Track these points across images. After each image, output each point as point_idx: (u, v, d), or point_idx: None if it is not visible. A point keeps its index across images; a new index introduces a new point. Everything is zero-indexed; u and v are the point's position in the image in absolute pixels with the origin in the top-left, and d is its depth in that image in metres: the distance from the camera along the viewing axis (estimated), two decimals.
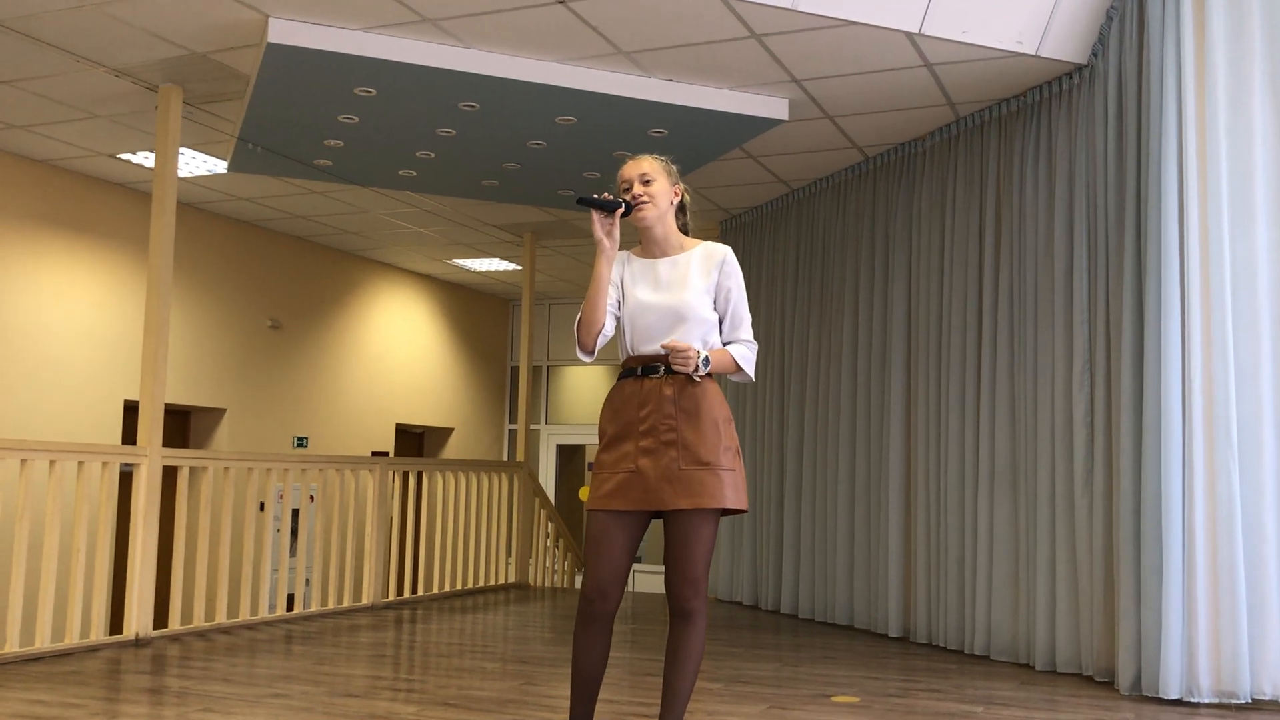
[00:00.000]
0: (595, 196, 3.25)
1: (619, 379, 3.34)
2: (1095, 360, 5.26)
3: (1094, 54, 5.35)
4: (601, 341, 3.32)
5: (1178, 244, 4.73)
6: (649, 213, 3.30)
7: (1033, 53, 5.29)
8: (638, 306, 3.29)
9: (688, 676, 3.18)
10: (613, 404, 3.29)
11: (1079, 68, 5.47)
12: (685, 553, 3.16)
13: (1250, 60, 4.77)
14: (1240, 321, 4.69)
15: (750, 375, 3.35)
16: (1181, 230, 4.73)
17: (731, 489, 3.17)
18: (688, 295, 3.26)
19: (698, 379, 3.21)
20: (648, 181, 3.32)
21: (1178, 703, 4.58)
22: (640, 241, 3.41)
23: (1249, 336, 4.69)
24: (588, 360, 3.37)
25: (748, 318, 3.36)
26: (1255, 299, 4.70)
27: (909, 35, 5.15)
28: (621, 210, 3.27)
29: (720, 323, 3.34)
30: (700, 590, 3.18)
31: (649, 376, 3.23)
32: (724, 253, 3.35)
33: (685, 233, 3.44)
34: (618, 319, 3.34)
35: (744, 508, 3.22)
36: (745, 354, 3.32)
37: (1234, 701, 4.53)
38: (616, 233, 3.28)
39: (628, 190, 3.33)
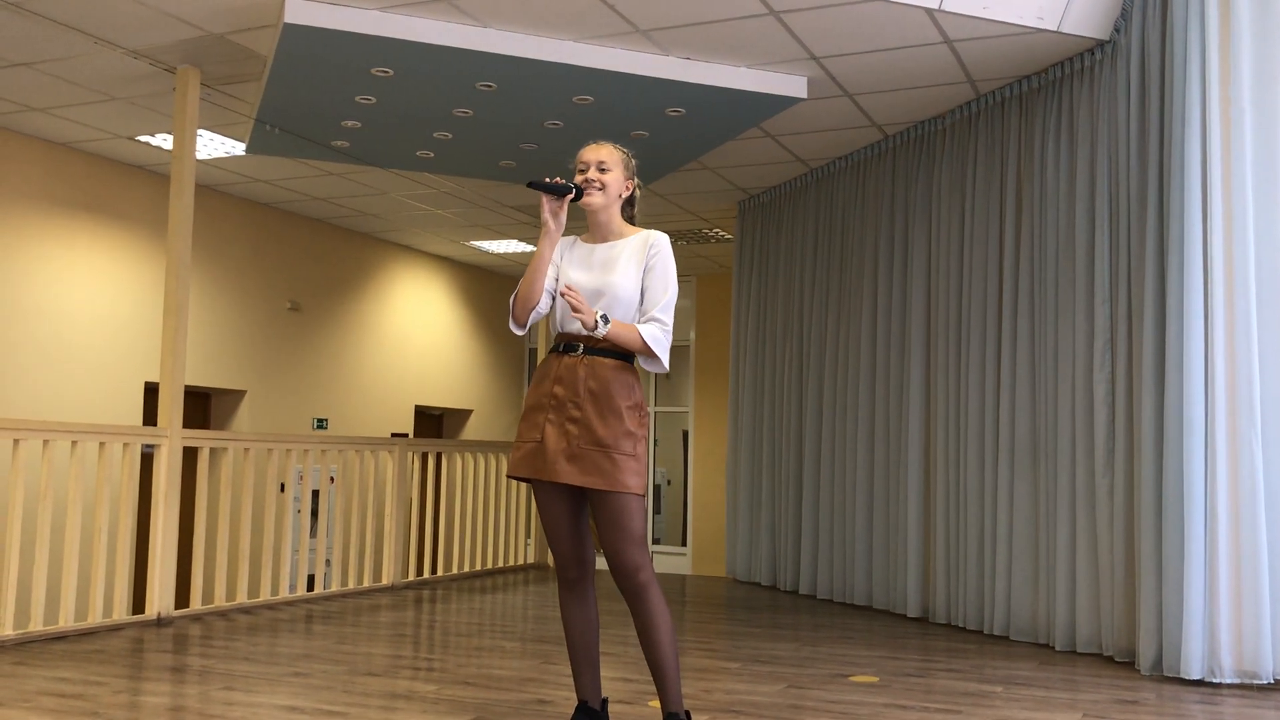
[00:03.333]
0: (546, 180, 3.31)
1: (547, 353, 3.43)
2: (1116, 339, 5.22)
3: (1116, 30, 5.29)
4: (534, 317, 3.40)
5: (1200, 222, 4.68)
6: (596, 199, 3.37)
7: (1054, 29, 5.24)
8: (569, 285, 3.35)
9: (666, 649, 3.23)
10: (537, 375, 3.41)
11: (1101, 44, 5.41)
12: (618, 528, 3.21)
13: (1276, 35, 4.71)
14: (1264, 300, 4.64)
15: (661, 360, 3.30)
16: (1205, 208, 4.68)
17: (628, 473, 3.21)
18: (614, 277, 3.32)
19: (597, 335, 3.21)
20: (604, 170, 3.39)
21: (1199, 683, 4.55)
22: (588, 227, 3.47)
23: (1273, 315, 4.64)
24: (519, 333, 3.47)
25: (664, 302, 3.30)
26: (1279, 277, 4.65)
27: (929, 11, 5.10)
28: (571, 195, 3.33)
29: (641, 299, 3.32)
30: (644, 563, 3.22)
31: (568, 354, 3.32)
32: (657, 237, 3.39)
33: (632, 224, 3.50)
34: (554, 297, 3.41)
35: (638, 492, 3.23)
36: (655, 334, 3.27)
37: (1256, 682, 4.51)
38: (563, 216, 3.34)
39: (583, 173, 3.39)
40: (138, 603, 7.01)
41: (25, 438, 5.25)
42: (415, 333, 11.41)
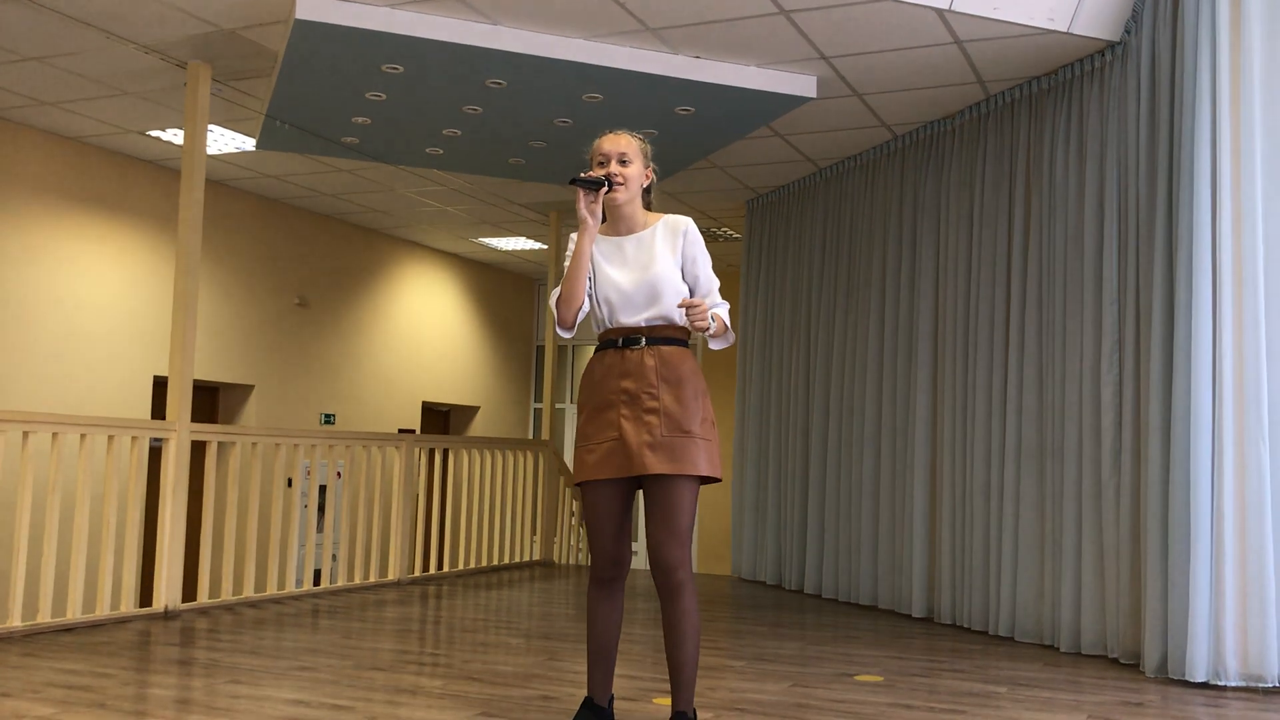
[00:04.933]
0: (583, 176, 3.30)
1: (597, 351, 3.39)
2: (1124, 341, 5.21)
3: (1127, 31, 5.29)
4: (580, 317, 3.38)
5: (1210, 224, 4.67)
6: (620, 195, 3.35)
7: (1064, 30, 5.23)
8: (610, 283, 3.34)
9: (690, 650, 3.22)
10: (593, 375, 3.35)
11: (1111, 45, 5.41)
12: (669, 520, 3.19)
13: None
14: (1273, 302, 4.63)
15: (734, 336, 3.42)
16: (1214, 210, 4.67)
17: (707, 457, 3.24)
18: (659, 268, 3.31)
19: (707, 336, 3.28)
20: (625, 162, 3.37)
21: (1204, 685, 4.55)
22: (605, 219, 3.45)
23: None
24: (567, 336, 3.42)
25: (717, 281, 3.43)
26: None
27: (939, 12, 5.10)
28: (606, 189, 3.32)
29: (691, 292, 3.39)
30: (686, 559, 3.21)
31: (630, 348, 3.29)
32: (685, 223, 3.41)
33: (648, 209, 3.50)
34: (590, 295, 3.38)
35: (719, 476, 3.28)
36: (727, 317, 3.38)
37: (1261, 685, 4.50)
38: (599, 210, 3.33)
39: (602, 165, 3.37)
40: (145, 595, 7.04)
41: (34, 430, 5.28)
42: (423, 329, 11.43)
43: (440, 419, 12.19)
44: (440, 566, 8.39)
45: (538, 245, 11.04)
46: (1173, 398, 4.75)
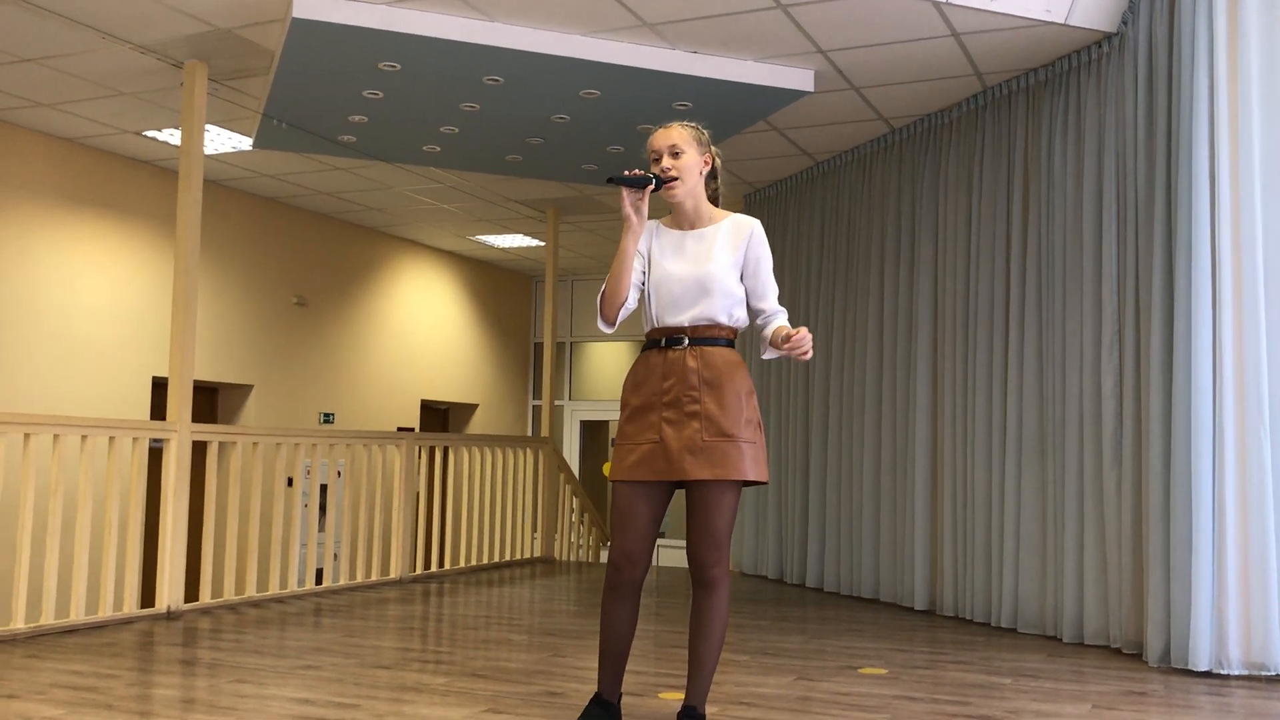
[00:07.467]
0: (625, 174, 3.25)
1: (643, 350, 3.37)
2: (1124, 331, 5.22)
3: (1124, 22, 5.29)
4: (623, 314, 3.35)
5: (1208, 213, 4.68)
6: (678, 189, 3.31)
7: (1062, 21, 5.23)
8: (664, 277, 3.30)
9: (713, 646, 3.22)
10: (635, 376, 3.32)
11: (1108, 36, 5.41)
12: (707, 522, 3.19)
13: None
14: (1272, 290, 4.64)
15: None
16: (1213, 199, 4.67)
17: (751, 461, 3.20)
18: (713, 267, 3.27)
19: (765, 345, 3.30)
20: (677, 154, 3.31)
21: (1207, 674, 4.56)
22: (670, 212, 3.42)
23: None
24: (608, 332, 3.40)
25: (775, 288, 3.38)
26: None
27: (936, 4, 5.10)
28: (651, 186, 3.27)
29: (748, 293, 3.36)
30: (722, 559, 3.21)
31: (673, 348, 3.26)
32: (752, 225, 3.36)
33: (715, 201, 3.45)
34: (643, 290, 3.35)
35: (764, 479, 3.25)
36: (787, 325, 3.34)
37: (1264, 673, 4.51)
38: (645, 208, 3.29)
39: (657, 161, 3.32)
40: (147, 596, 7.04)
41: (36, 432, 5.27)
42: (421, 327, 11.43)
43: (439, 417, 12.19)
44: (441, 564, 8.40)
45: (535, 242, 11.03)
46: (1173, 387, 4.76)
